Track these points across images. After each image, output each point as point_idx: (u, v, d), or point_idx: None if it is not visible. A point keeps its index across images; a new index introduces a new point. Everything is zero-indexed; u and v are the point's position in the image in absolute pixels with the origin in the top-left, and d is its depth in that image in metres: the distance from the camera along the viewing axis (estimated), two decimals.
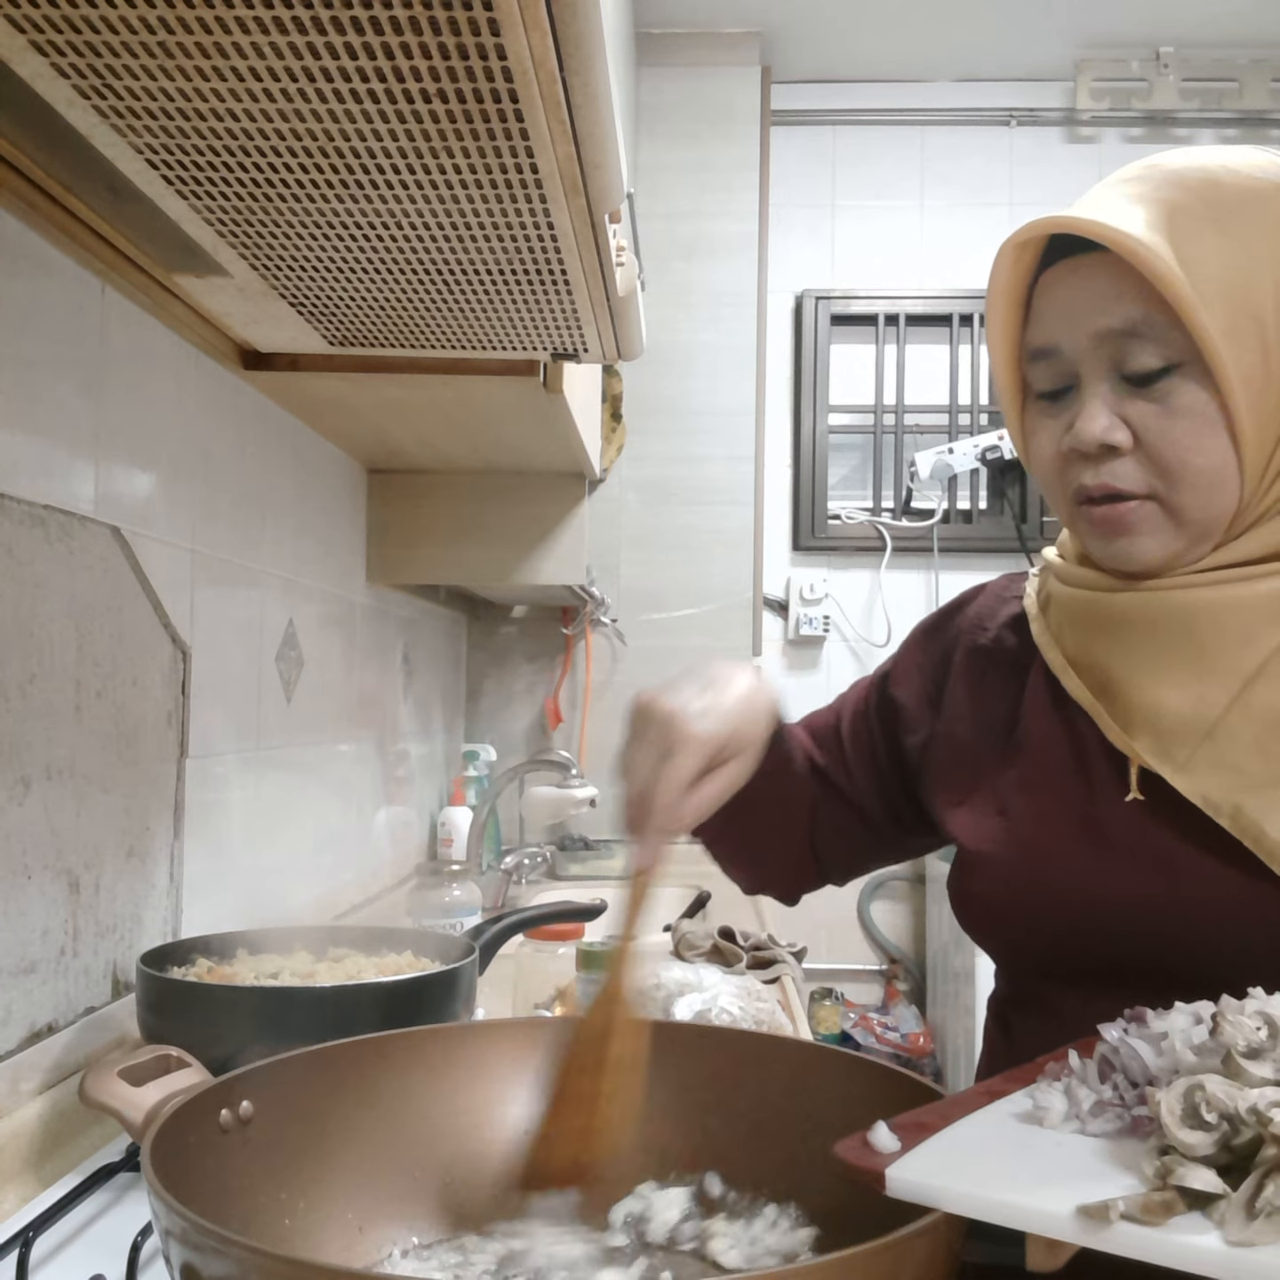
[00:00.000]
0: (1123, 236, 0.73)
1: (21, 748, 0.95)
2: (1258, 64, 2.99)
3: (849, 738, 1.00)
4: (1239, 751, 0.75)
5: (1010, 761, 0.87)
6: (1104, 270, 0.76)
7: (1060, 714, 0.85)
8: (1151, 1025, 0.59)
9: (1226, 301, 0.73)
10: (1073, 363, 0.78)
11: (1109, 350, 0.76)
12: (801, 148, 3.10)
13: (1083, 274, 0.77)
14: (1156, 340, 0.74)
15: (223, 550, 1.37)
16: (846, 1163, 0.52)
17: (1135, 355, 0.75)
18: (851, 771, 0.99)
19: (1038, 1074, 0.61)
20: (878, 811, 0.98)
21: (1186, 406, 0.74)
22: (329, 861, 1.80)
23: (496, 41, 0.68)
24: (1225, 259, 0.73)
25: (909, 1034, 2.88)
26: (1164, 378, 0.75)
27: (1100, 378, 0.77)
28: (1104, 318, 0.76)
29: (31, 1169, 0.92)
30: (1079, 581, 0.84)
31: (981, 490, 3.10)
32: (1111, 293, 0.75)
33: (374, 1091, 0.70)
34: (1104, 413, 0.76)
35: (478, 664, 2.90)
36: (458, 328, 1.23)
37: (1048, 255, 0.80)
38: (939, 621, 0.99)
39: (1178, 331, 0.73)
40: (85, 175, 0.90)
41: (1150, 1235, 0.45)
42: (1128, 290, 0.75)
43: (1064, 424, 0.79)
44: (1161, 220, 0.74)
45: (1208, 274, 0.72)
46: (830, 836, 1.00)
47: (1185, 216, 0.74)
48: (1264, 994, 0.57)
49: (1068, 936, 0.81)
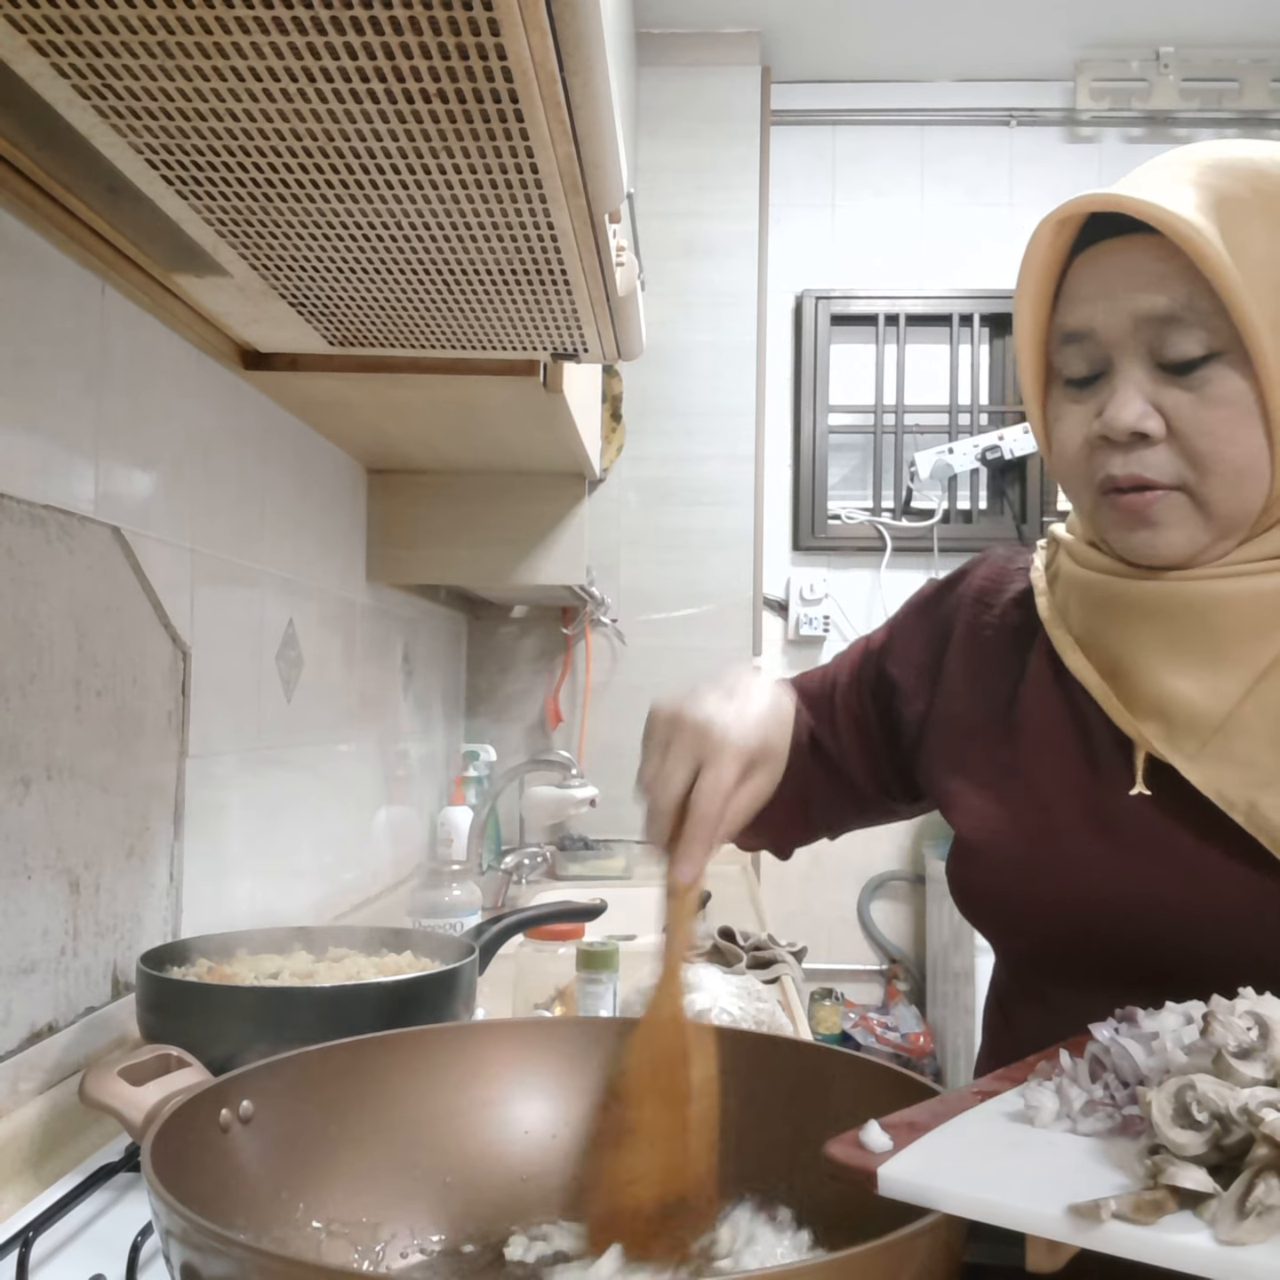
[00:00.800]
0: (1172, 217, 0.71)
1: (21, 748, 0.95)
2: (1258, 64, 2.99)
3: (841, 707, 0.99)
4: (1253, 745, 0.73)
5: (1009, 742, 0.86)
6: (1148, 252, 0.73)
7: (1063, 694, 0.84)
8: (1142, 1025, 0.59)
9: (1271, 291, 0.71)
10: (1106, 346, 0.76)
11: (1147, 335, 0.74)
12: (801, 147, 3.10)
13: (1125, 255, 0.75)
14: (1199, 326, 0.72)
15: (223, 550, 1.37)
16: (838, 1161, 0.52)
17: (1176, 341, 0.73)
18: (840, 738, 0.99)
19: (1028, 1073, 0.61)
20: (862, 778, 0.98)
21: (1224, 396, 0.73)
22: (329, 861, 1.80)
23: (496, 41, 0.68)
24: (1272, 250, 0.71)
25: (909, 1034, 2.88)
26: (1203, 366, 0.73)
27: (1135, 363, 0.75)
28: (1145, 300, 0.73)
29: (31, 1169, 0.92)
30: (1094, 564, 0.82)
31: (981, 490, 3.10)
32: (1155, 275, 0.73)
33: (374, 1091, 0.70)
34: (1138, 399, 0.74)
35: (478, 664, 2.90)
36: (458, 328, 1.23)
37: (1083, 236, 0.78)
38: (936, 594, 0.98)
39: (1220, 319, 0.72)
40: (85, 175, 0.90)
41: (1141, 1234, 0.45)
42: (1173, 273, 0.73)
43: (1092, 410, 0.77)
44: (1210, 205, 0.72)
45: (1255, 263, 0.71)
46: (819, 797, 1.00)
47: (1234, 204, 0.72)
48: (1254, 994, 0.57)
49: (1069, 928, 0.80)
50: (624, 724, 2.82)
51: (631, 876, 2.55)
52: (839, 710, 0.99)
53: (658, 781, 0.72)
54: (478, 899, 1.62)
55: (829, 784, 0.99)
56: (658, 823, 0.72)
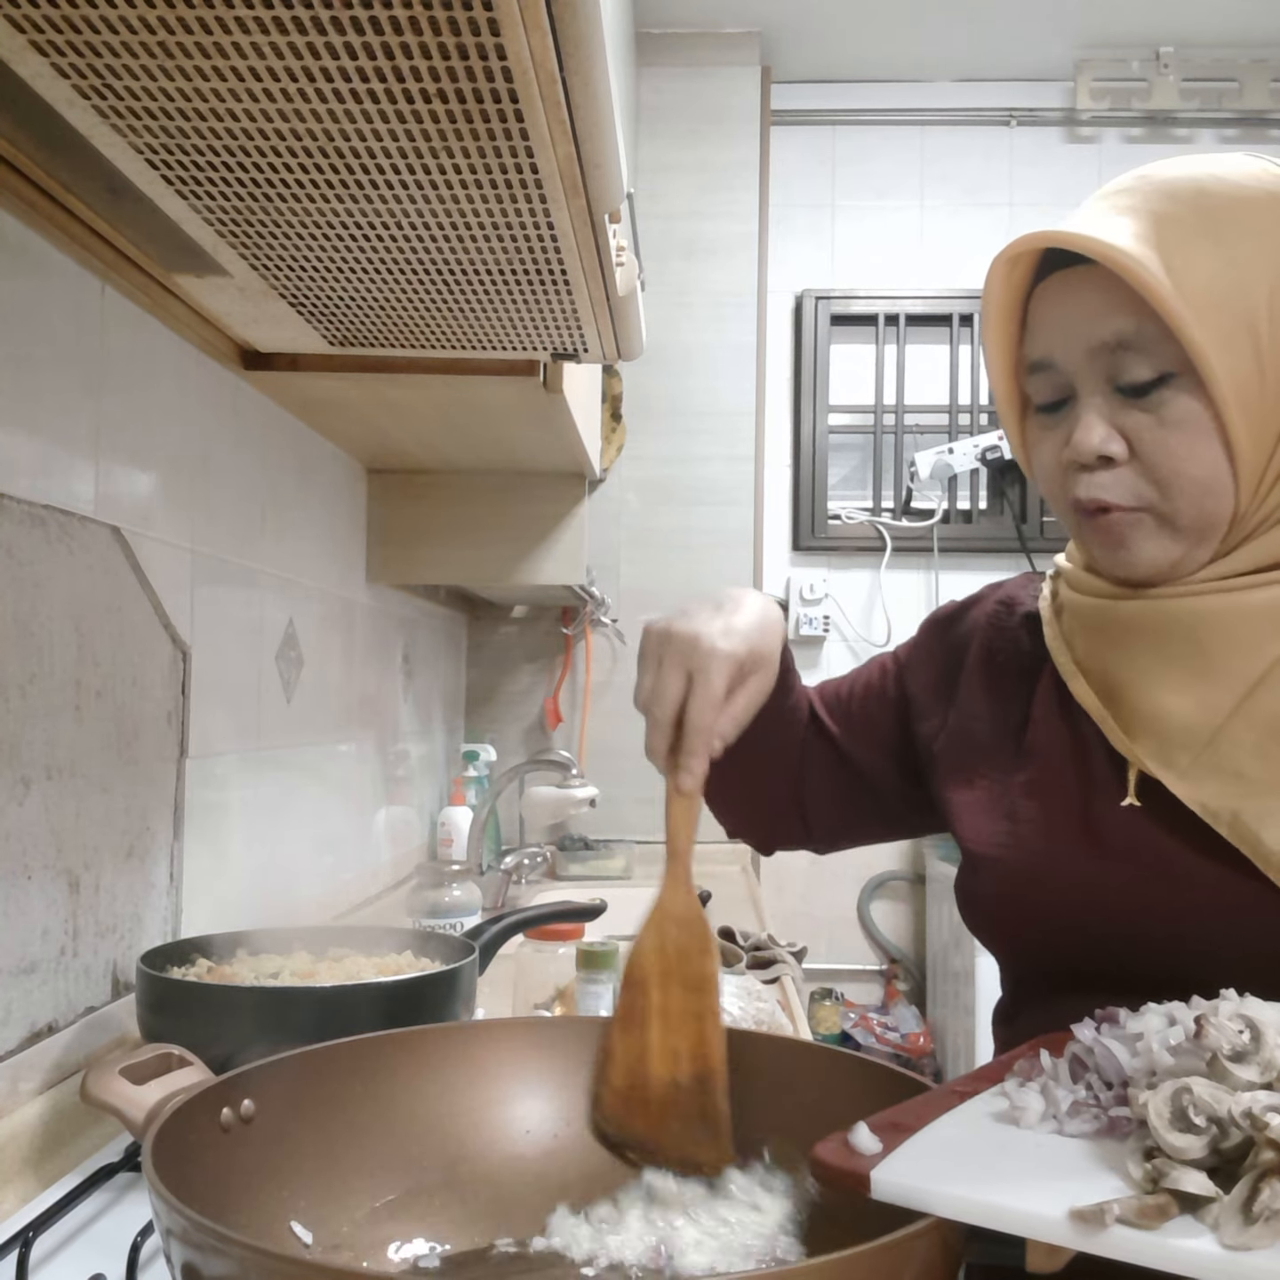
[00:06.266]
0: (1109, 249, 0.73)
1: (21, 748, 0.95)
2: (1258, 64, 2.99)
3: (859, 714, 1.00)
4: (1240, 757, 0.75)
5: (1019, 765, 0.87)
6: (1095, 283, 0.76)
7: (1067, 719, 0.85)
8: (1125, 1026, 0.59)
9: (1218, 311, 0.72)
10: (1068, 375, 0.78)
11: (1102, 363, 0.76)
12: (801, 148, 3.10)
13: (1074, 287, 0.77)
14: (1148, 352, 0.74)
15: (223, 550, 1.37)
16: (827, 1165, 0.52)
17: (1128, 367, 0.75)
18: (861, 743, 0.99)
19: (1005, 1072, 0.61)
20: (886, 784, 0.99)
21: (1180, 417, 0.75)
22: (329, 861, 1.80)
23: (496, 41, 0.68)
24: (1217, 269, 0.73)
25: (909, 1034, 2.88)
26: (1157, 389, 0.75)
27: (1095, 390, 0.77)
28: (1096, 331, 0.76)
29: (31, 1169, 0.92)
30: (1088, 589, 0.84)
31: (981, 490, 3.10)
32: (1102, 306, 0.76)
33: (374, 1091, 0.70)
34: (1100, 424, 0.77)
35: (478, 664, 2.90)
36: (458, 328, 1.23)
37: (1042, 267, 0.80)
38: (955, 612, 1.00)
39: (1170, 343, 0.73)
40: (85, 175, 0.90)
41: (1146, 1239, 0.45)
42: (1118, 303, 0.75)
43: (1062, 436, 0.80)
44: (1150, 231, 0.74)
45: (1198, 284, 0.72)
46: (826, 798, 1.00)
47: (1175, 227, 0.74)
48: (1235, 995, 0.57)
49: (1068, 939, 0.81)
50: (624, 724, 2.82)
51: (631, 876, 2.55)
52: (857, 716, 1.00)
53: (653, 697, 0.77)
54: (478, 899, 1.62)
55: (846, 786, 1.00)
56: (656, 736, 0.76)
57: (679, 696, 0.76)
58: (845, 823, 1.02)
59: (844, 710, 1.01)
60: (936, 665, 0.97)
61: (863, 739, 0.99)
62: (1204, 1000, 0.58)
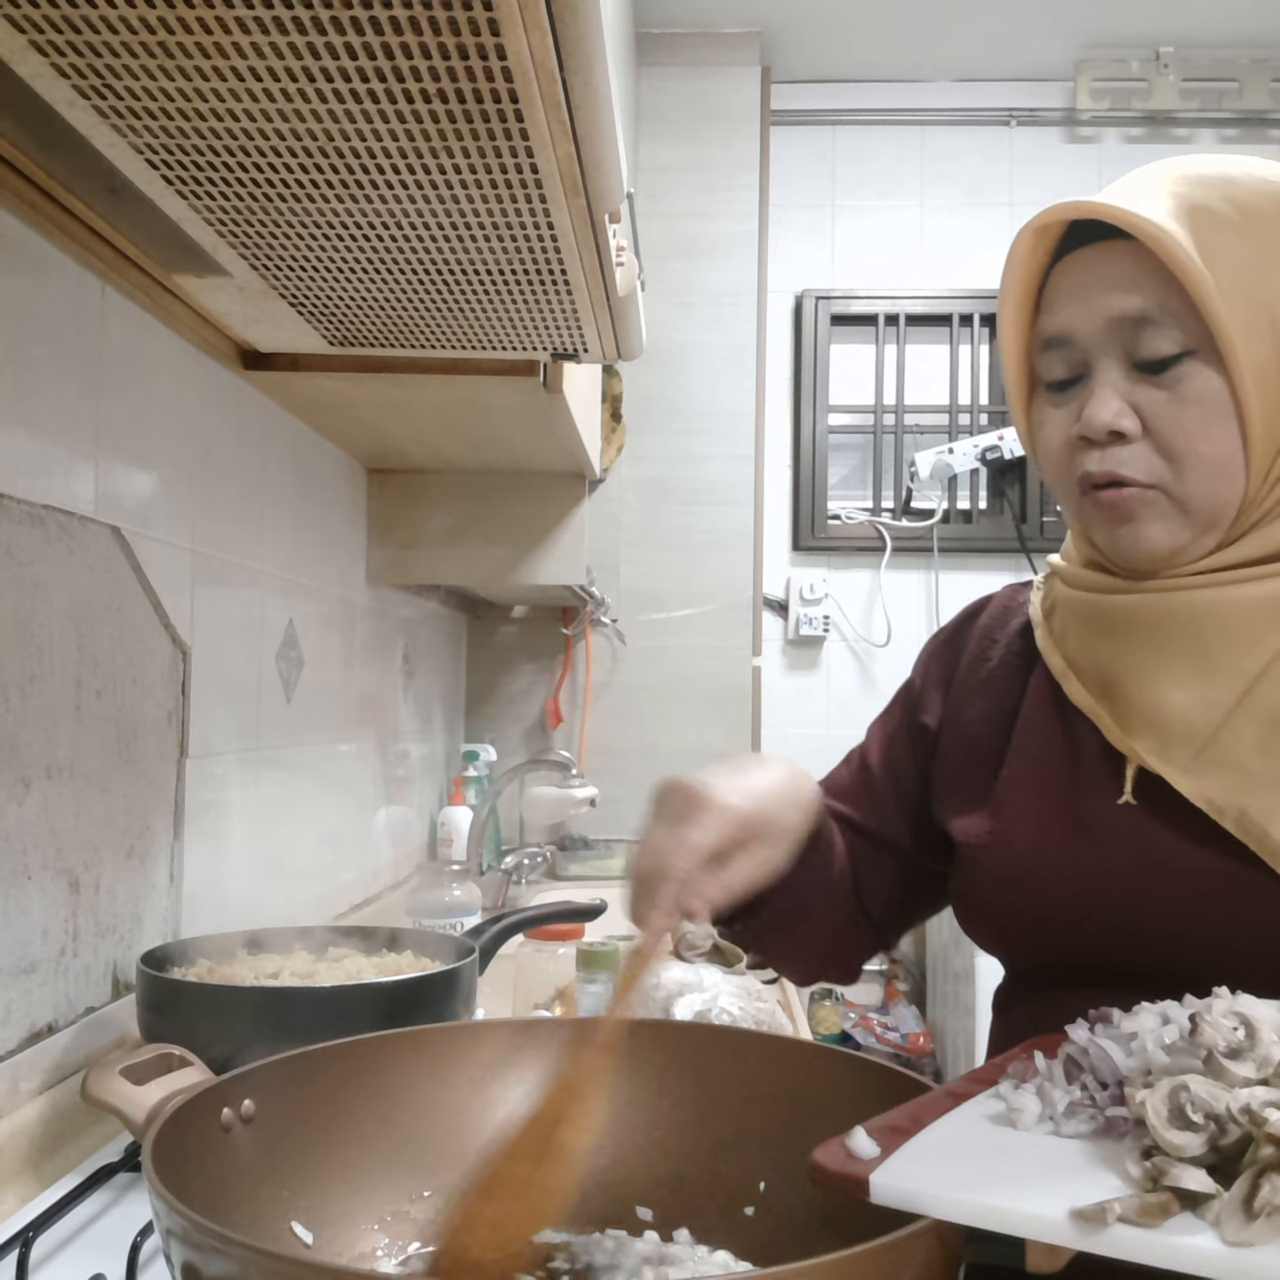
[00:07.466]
0: (1145, 222, 0.73)
1: (21, 748, 0.95)
2: (1258, 64, 2.99)
3: (882, 776, 0.97)
4: (1243, 752, 0.74)
5: (1005, 758, 0.87)
6: (1119, 257, 0.76)
7: (1059, 718, 0.85)
8: (1120, 1025, 0.59)
9: (1243, 296, 0.73)
10: (1084, 350, 0.78)
11: (1122, 336, 0.76)
12: (801, 148, 3.10)
13: (1100, 260, 0.77)
14: (1171, 326, 0.74)
15: (223, 550, 1.37)
16: (826, 1170, 0.51)
17: (1149, 341, 0.75)
18: (881, 809, 0.96)
19: (999, 1074, 0.61)
20: (907, 842, 0.95)
21: (1197, 393, 0.75)
22: (329, 861, 1.80)
23: (496, 41, 0.68)
24: (1245, 256, 0.73)
25: (909, 1034, 2.88)
26: (1176, 364, 0.75)
27: (1112, 364, 0.77)
28: (1120, 302, 0.76)
29: (31, 1169, 0.92)
30: (1083, 583, 0.84)
31: (981, 490, 3.10)
32: (1129, 278, 0.76)
33: (374, 1091, 0.70)
34: (1114, 398, 0.76)
35: (478, 664, 2.90)
36: (458, 328, 1.23)
37: (1064, 244, 0.80)
38: (952, 635, 0.99)
39: (1193, 319, 0.74)
40: (85, 175, 0.90)
41: (1148, 1237, 0.45)
42: (1145, 276, 0.75)
43: (1072, 412, 0.79)
44: (1183, 212, 0.74)
45: (1226, 268, 0.73)
46: (875, 891, 0.96)
47: (1206, 213, 0.74)
48: (1228, 993, 0.57)
49: (1062, 937, 0.81)
50: (624, 724, 2.82)
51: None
52: (880, 778, 0.97)
53: (640, 847, 0.71)
54: (478, 899, 1.62)
55: (880, 867, 0.96)
56: (631, 887, 0.69)
57: (660, 843, 0.69)
58: (901, 904, 0.98)
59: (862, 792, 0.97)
60: (940, 691, 0.96)
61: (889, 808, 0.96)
62: (1197, 999, 0.58)
